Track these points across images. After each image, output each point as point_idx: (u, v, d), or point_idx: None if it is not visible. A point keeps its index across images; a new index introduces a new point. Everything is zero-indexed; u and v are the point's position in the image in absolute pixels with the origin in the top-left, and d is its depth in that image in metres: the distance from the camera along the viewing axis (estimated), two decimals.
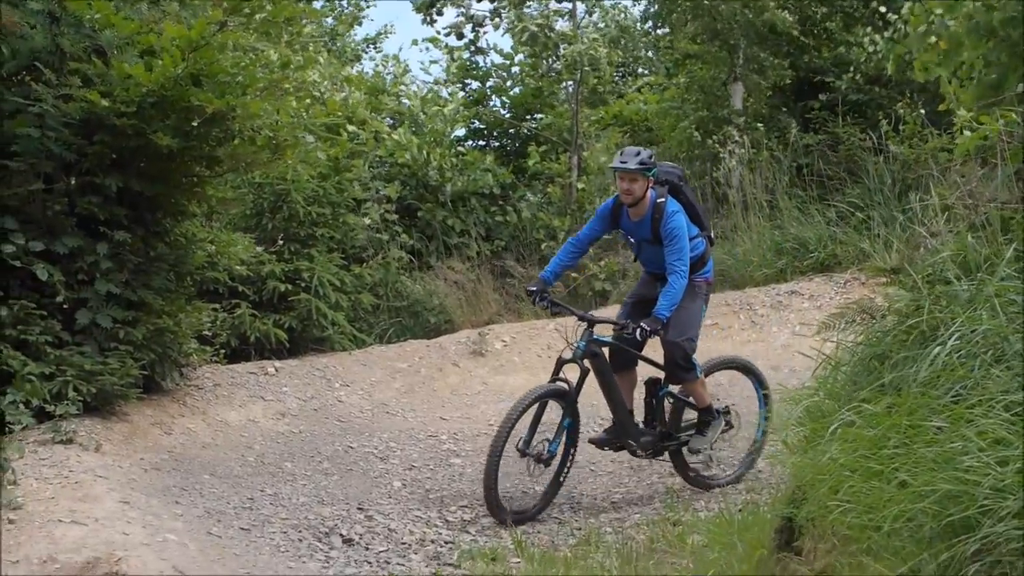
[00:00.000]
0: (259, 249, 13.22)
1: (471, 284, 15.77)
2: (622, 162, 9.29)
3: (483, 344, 13.54)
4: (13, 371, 8.97)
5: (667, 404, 9.90)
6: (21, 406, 8.81)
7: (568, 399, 9.45)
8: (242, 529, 7.91)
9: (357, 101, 17.26)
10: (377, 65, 22.07)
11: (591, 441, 9.96)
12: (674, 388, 9.88)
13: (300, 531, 8.28)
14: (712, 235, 10.15)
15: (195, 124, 9.74)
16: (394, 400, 12.34)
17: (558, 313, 10.13)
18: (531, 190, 17.65)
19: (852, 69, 16.35)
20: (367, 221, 15.58)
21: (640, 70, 22.26)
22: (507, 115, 20.35)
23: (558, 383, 9.46)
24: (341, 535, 8.48)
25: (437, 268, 16.15)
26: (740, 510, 8.24)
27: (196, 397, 11.20)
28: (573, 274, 15.72)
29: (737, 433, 10.18)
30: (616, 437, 9.81)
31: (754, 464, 10.08)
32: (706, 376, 9.96)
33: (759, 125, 16.90)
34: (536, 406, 9.35)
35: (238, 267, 12.60)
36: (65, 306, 9.58)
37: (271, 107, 10.49)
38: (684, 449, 9.85)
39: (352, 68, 20.29)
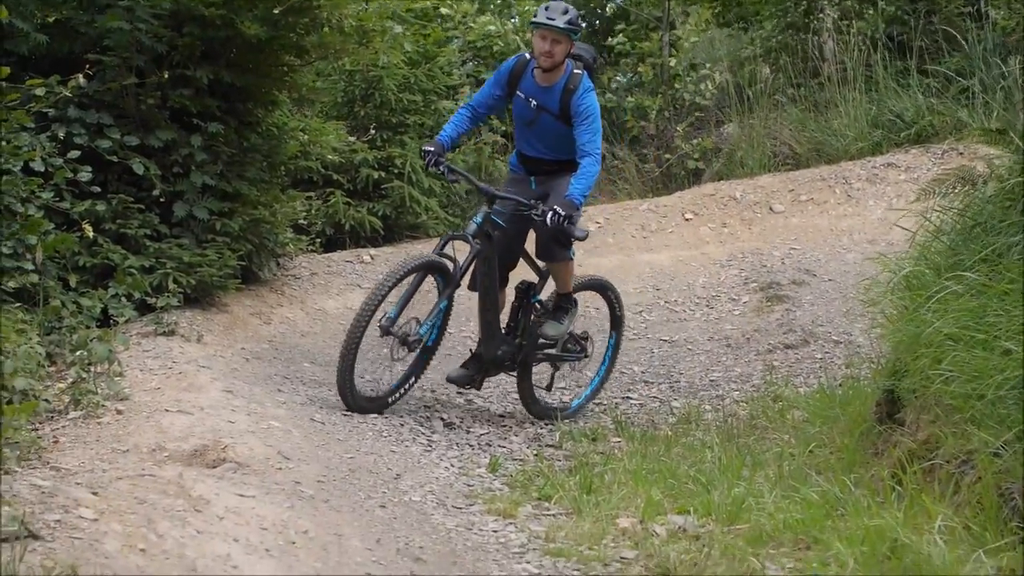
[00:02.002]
0: (351, 138, 13.21)
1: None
2: (549, 18, 8.38)
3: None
4: (114, 265, 9.07)
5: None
6: (123, 299, 8.91)
7: (450, 278, 8.43)
8: (344, 415, 7.97)
9: None
10: None
11: (449, 379, 8.91)
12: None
13: (401, 416, 8.35)
14: None
15: (278, 12, 9.71)
16: None
17: (455, 182, 9.16)
18: (619, 70, 17.44)
19: None
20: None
21: None
22: None
23: (442, 257, 8.45)
24: (442, 419, 8.54)
25: None
26: (840, 384, 8.20)
27: (293, 286, 11.28)
28: (666, 155, 15.61)
29: (589, 363, 9.49)
30: (477, 370, 8.83)
31: (601, 389, 9.50)
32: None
33: None
34: (412, 278, 8.33)
35: (331, 156, 12.60)
36: (162, 199, 9.65)
37: None
38: (539, 331, 8.89)
39: None
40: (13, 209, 8.23)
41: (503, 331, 8.86)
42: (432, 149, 8.62)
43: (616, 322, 9.55)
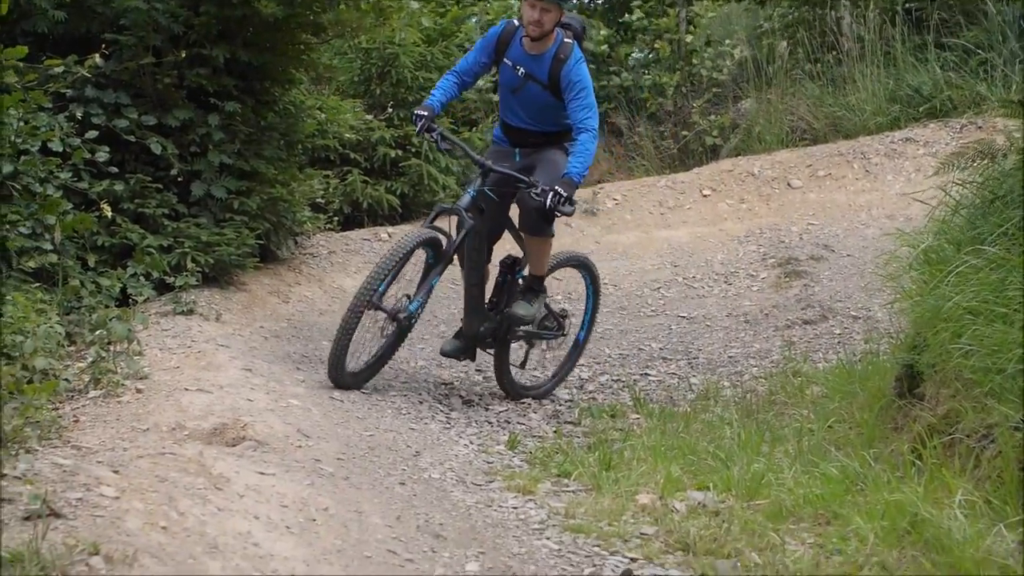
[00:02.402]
0: (368, 116, 13.21)
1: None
2: None
3: (595, 203, 13.48)
4: (132, 244, 9.09)
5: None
6: (142, 279, 8.93)
7: (442, 254, 8.21)
8: (363, 393, 7.98)
9: None
10: None
11: (443, 352, 8.69)
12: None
13: (420, 393, 8.36)
14: None
15: None
16: None
17: (448, 150, 9.05)
18: (636, 47, 17.37)
19: None
20: (479, 83, 15.49)
21: None
22: None
23: (435, 231, 8.17)
24: (461, 396, 8.55)
25: None
26: (859, 360, 8.19)
27: (311, 265, 11.29)
28: (683, 131, 15.58)
29: (566, 341, 9.27)
30: (470, 341, 8.63)
31: (573, 368, 9.33)
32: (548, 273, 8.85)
33: None
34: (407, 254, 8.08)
35: (348, 134, 12.61)
36: (179, 179, 9.67)
37: None
38: (510, 310, 8.57)
39: None
40: (32, 189, 8.26)
41: (487, 307, 8.65)
42: (424, 114, 8.24)
43: (592, 301, 9.32)
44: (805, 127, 14.91)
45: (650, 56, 16.99)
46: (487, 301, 8.67)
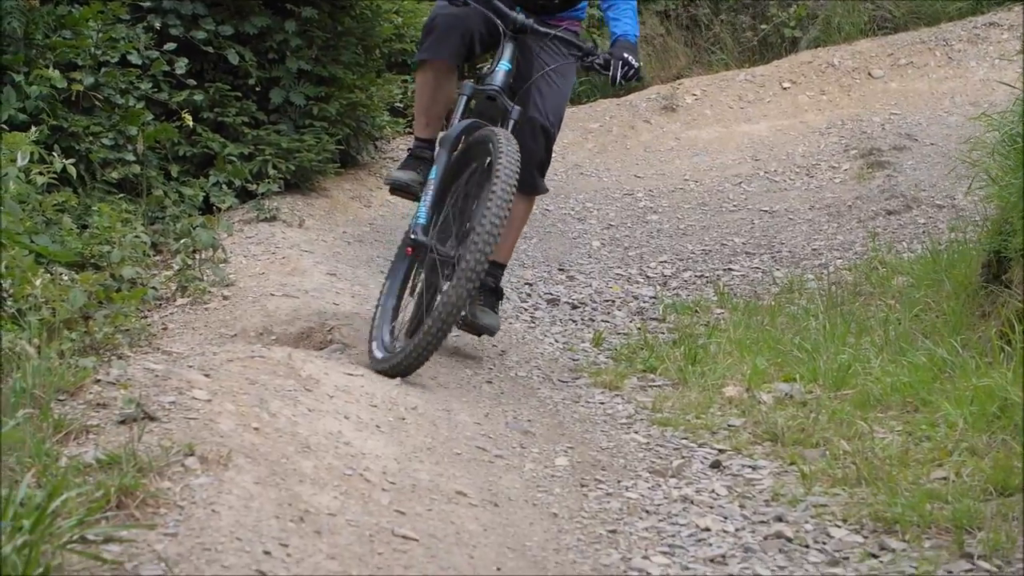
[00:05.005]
0: None
1: (659, 38, 15.48)
2: None
3: (674, 99, 13.37)
4: (214, 153, 9.14)
5: None
6: (224, 187, 8.99)
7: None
8: None
9: None
10: None
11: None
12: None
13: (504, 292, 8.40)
14: None
15: None
16: (587, 161, 12.30)
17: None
18: None
19: None
20: None
21: None
22: None
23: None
24: (541, 295, 8.57)
25: None
26: (945, 248, 8.12)
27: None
28: (762, 24, 15.38)
29: None
30: None
31: None
32: None
33: None
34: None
35: None
36: (257, 88, 9.69)
37: None
38: None
39: None
40: (113, 101, 8.32)
41: None
42: None
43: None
44: (885, 15, 14.66)
45: None
46: None
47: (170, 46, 8.90)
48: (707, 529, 4.60)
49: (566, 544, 4.35)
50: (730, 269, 9.46)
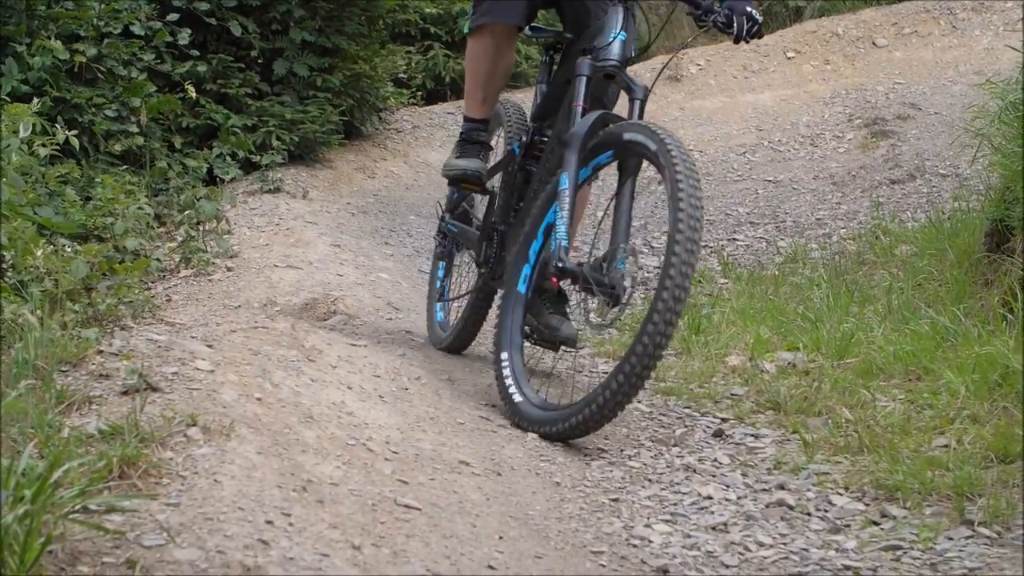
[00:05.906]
0: None
1: (664, 7, 15.44)
2: None
3: (678, 69, 13.35)
4: (217, 125, 9.15)
5: None
6: (228, 159, 9.01)
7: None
8: None
9: None
10: None
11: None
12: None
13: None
14: None
15: None
16: None
17: None
18: None
19: None
20: None
21: None
22: None
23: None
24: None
25: None
26: (948, 218, 8.11)
27: (396, 140, 11.31)
28: None
29: None
30: None
31: None
32: None
33: None
34: None
35: (429, 8, 12.56)
36: (260, 59, 9.69)
37: None
38: None
39: None
40: (116, 72, 8.32)
41: None
42: None
43: None
44: None
45: None
46: None
47: (173, 17, 8.90)
48: (709, 497, 4.60)
49: (569, 513, 4.35)
50: (734, 239, 9.46)
